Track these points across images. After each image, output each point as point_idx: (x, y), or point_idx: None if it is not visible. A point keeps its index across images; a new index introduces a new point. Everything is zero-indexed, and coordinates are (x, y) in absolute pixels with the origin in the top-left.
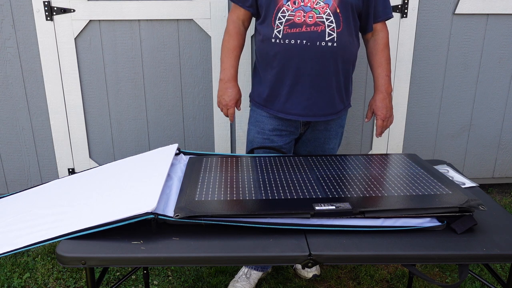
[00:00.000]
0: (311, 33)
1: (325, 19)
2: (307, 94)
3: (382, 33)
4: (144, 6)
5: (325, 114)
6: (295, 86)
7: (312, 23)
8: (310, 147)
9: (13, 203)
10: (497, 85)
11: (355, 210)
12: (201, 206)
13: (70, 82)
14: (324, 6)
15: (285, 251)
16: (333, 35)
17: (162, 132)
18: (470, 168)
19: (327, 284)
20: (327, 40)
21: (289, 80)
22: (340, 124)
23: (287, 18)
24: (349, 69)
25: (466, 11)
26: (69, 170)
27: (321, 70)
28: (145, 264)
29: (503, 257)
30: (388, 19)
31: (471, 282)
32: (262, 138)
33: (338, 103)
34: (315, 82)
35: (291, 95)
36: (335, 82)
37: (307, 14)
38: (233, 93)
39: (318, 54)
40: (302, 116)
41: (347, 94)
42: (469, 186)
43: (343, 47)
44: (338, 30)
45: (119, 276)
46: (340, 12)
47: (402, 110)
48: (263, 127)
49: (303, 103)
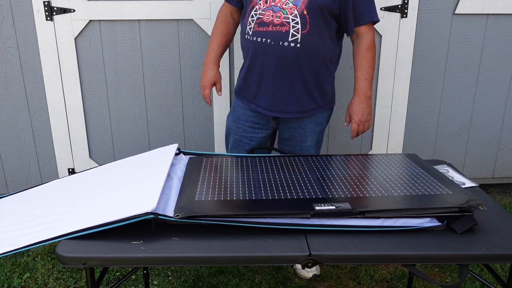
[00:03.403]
0: (275, 32)
1: (291, 20)
2: (271, 91)
3: (366, 35)
4: (144, 6)
5: (290, 111)
6: (261, 81)
7: (279, 23)
8: (289, 146)
9: (13, 203)
10: (497, 85)
11: (355, 210)
12: (201, 206)
13: (70, 82)
14: (293, 7)
15: (285, 251)
16: (297, 36)
17: (162, 132)
18: (470, 168)
19: (327, 284)
20: (290, 40)
21: (256, 75)
22: (316, 122)
23: (258, 16)
24: (321, 70)
25: (466, 11)
26: (69, 170)
27: (283, 69)
28: (145, 264)
29: (503, 257)
30: (373, 22)
31: (471, 282)
32: (236, 127)
33: (307, 102)
34: (278, 81)
35: (259, 89)
36: (301, 82)
37: (275, 13)
38: (209, 75)
39: (280, 54)
40: (268, 111)
41: (322, 94)
42: (469, 186)
43: (308, 48)
44: (303, 31)
45: (119, 276)
46: (307, 13)
47: (402, 110)
48: (238, 116)
49: (268, 99)
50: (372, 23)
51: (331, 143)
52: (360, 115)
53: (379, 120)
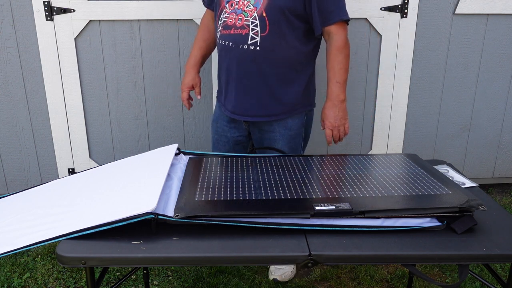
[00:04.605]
0: (236, 35)
1: (251, 22)
2: (235, 94)
3: (336, 36)
4: (144, 6)
5: (254, 115)
6: (227, 84)
7: (240, 26)
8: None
9: (13, 203)
10: (497, 85)
11: (355, 210)
12: (201, 206)
13: (70, 82)
14: (253, 10)
15: (285, 251)
16: (256, 39)
17: (162, 132)
18: (470, 168)
19: (327, 284)
20: (249, 43)
21: (223, 78)
22: (287, 127)
23: (223, 19)
24: (287, 73)
25: (466, 11)
26: (69, 170)
27: (245, 73)
28: (145, 264)
29: (503, 257)
30: (344, 21)
31: (471, 282)
32: (216, 127)
33: (273, 106)
34: (239, 84)
35: (226, 92)
36: (264, 85)
37: (237, 16)
38: (187, 79)
39: (240, 57)
40: (233, 114)
41: (291, 97)
42: (469, 186)
43: (268, 51)
44: (262, 34)
45: (119, 276)
46: (266, 16)
47: (402, 110)
48: (217, 116)
49: (233, 102)
50: (342, 22)
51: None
52: (333, 120)
53: (379, 120)
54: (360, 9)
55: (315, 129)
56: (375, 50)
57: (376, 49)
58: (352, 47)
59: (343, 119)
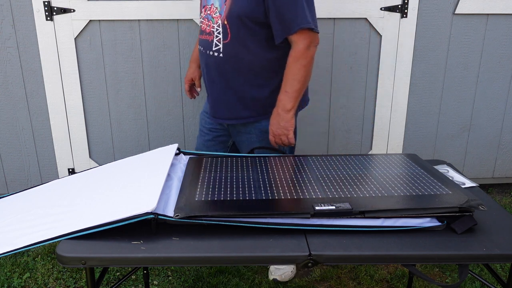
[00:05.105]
0: (204, 41)
1: (215, 29)
2: (210, 96)
3: (295, 44)
4: (144, 6)
5: (225, 117)
6: (206, 86)
7: (208, 32)
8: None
9: (13, 203)
10: (497, 85)
11: (355, 210)
12: (201, 206)
13: (70, 82)
14: (218, 17)
15: (285, 251)
16: (219, 46)
17: (162, 132)
18: (470, 168)
19: (327, 284)
20: (214, 50)
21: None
22: (262, 130)
23: (200, 24)
24: (253, 78)
25: (466, 11)
26: (69, 170)
27: (212, 77)
28: (145, 264)
29: (503, 257)
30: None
31: (471, 282)
32: (200, 130)
33: (240, 110)
34: (210, 87)
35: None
36: (230, 90)
37: (208, 22)
38: (188, 72)
39: (207, 62)
40: (209, 113)
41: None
42: (469, 186)
43: (231, 58)
44: (224, 41)
45: (119, 276)
46: (227, 24)
47: (402, 110)
48: (202, 118)
49: (209, 103)
50: (305, 30)
51: (331, 143)
52: (274, 128)
53: (379, 120)
54: (360, 9)
55: (315, 129)
56: (375, 50)
57: (376, 49)
58: (352, 47)
59: (285, 129)
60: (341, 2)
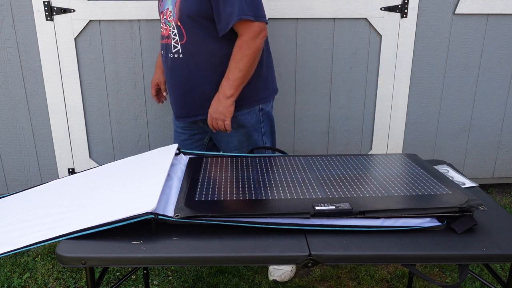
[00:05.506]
0: (165, 45)
1: (171, 32)
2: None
3: (240, 36)
4: (144, 6)
5: (188, 116)
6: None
7: (166, 36)
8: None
9: (13, 203)
10: (497, 85)
11: (355, 210)
12: (201, 206)
13: (70, 82)
14: (172, 19)
15: (285, 251)
16: (178, 47)
17: (162, 132)
18: (470, 168)
19: (327, 284)
20: (173, 52)
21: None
22: (238, 124)
23: (160, 31)
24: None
25: (466, 11)
26: (69, 170)
27: (174, 79)
28: (145, 264)
29: (503, 257)
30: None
31: (471, 282)
32: (174, 130)
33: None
34: (172, 89)
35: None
36: (192, 89)
37: (166, 26)
38: (153, 77)
39: (169, 65)
40: (178, 118)
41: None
42: (469, 186)
43: (191, 58)
44: (181, 42)
45: (119, 276)
46: (181, 24)
47: (402, 110)
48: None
49: (173, 104)
50: (247, 22)
51: (331, 143)
52: (212, 112)
53: (379, 120)
54: (360, 9)
55: (315, 129)
56: (375, 50)
57: (376, 49)
58: (352, 47)
59: (223, 114)
60: (341, 2)
